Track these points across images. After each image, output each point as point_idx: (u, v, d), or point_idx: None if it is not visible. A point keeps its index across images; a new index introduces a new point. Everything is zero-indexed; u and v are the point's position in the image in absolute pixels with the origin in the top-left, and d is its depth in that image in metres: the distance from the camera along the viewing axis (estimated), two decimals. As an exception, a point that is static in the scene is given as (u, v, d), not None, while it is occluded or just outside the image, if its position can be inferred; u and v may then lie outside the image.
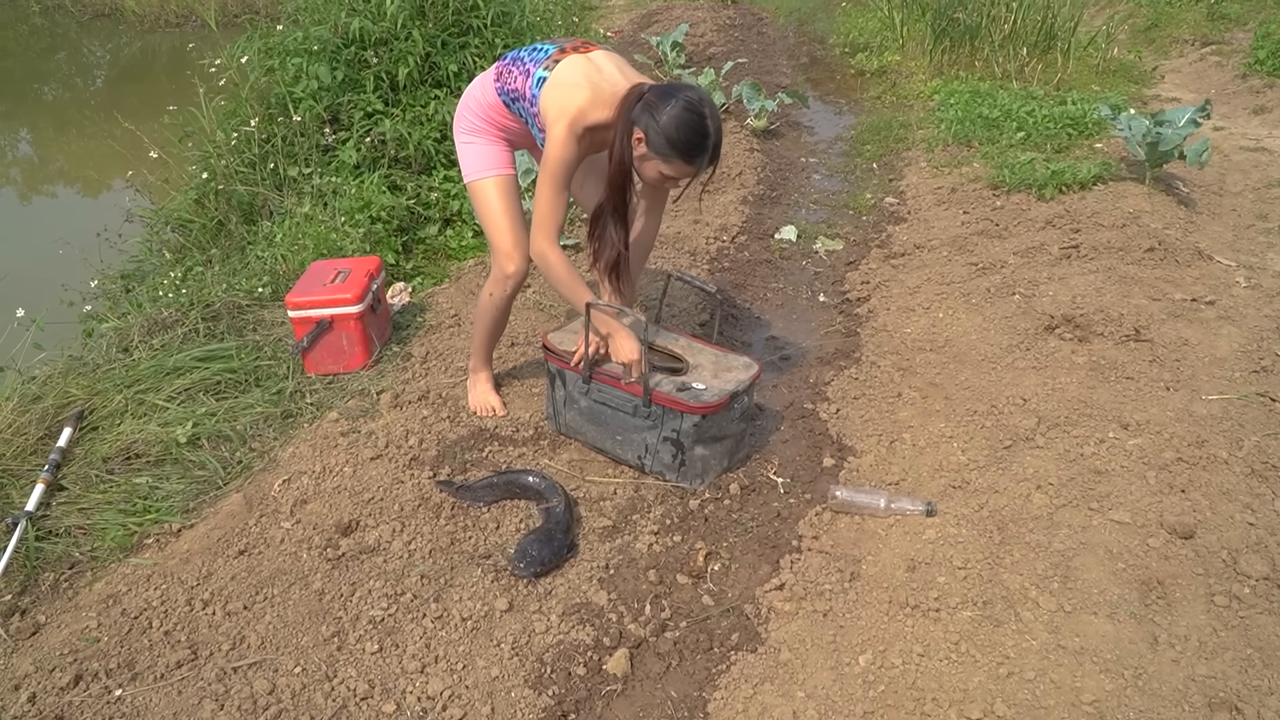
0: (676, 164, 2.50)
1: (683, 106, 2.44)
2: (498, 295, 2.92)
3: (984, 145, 5.44)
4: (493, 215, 2.81)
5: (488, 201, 2.81)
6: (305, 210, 4.29)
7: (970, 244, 4.19)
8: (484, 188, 2.81)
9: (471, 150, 2.82)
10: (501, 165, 2.81)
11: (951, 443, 2.84)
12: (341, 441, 2.98)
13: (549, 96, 2.56)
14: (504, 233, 2.81)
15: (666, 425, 2.67)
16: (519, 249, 2.83)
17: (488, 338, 3.09)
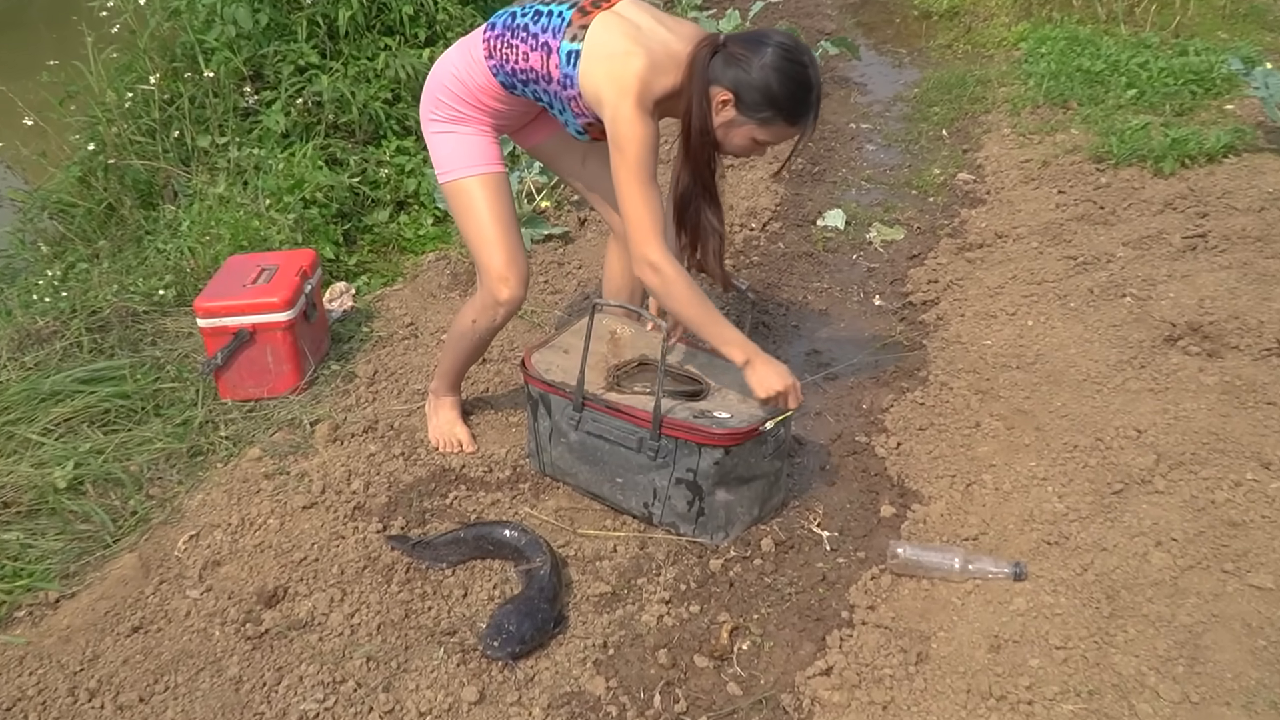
0: (777, 127, 2.55)
1: (780, 55, 2.49)
2: (482, 324, 2.94)
3: (1084, 106, 5.47)
4: (480, 225, 2.83)
5: (473, 207, 2.83)
6: (219, 191, 4.33)
7: (1067, 232, 4.22)
8: (468, 190, 2.83)
9: (450, 143, 2.84)
10: (489, 160, 2.84)
11: (1045, 486, 2.84)
12: (265, 486, 2.99)
13: (594, 73, 2.58)
14: (495, 248, 2.83)
15: (680, 463, 2.69)
16: (514, 270, 2.85)
17: (459, 364, 3.12)
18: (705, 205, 2.72)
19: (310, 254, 3.66)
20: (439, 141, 2.84)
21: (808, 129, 2.58)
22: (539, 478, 3.04)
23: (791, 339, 3.85)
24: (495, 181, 2.83)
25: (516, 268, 2.85)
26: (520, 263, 2.86)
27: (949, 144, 5.63)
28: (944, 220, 4.71)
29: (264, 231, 4.14)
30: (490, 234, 2.82)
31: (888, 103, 6.47)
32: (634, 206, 2.56)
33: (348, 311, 3.99)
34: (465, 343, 3.02)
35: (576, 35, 2.61)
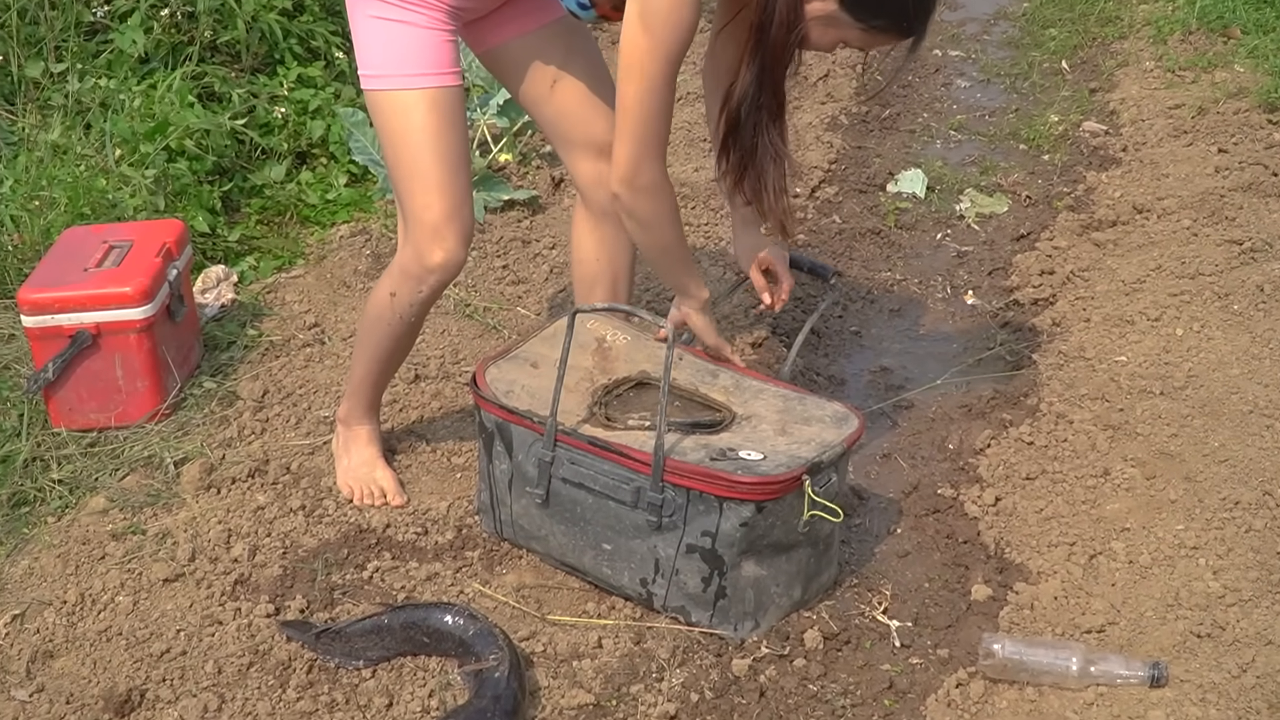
0: (886, 36, 2.67)
1: None
2: (404, 298, 2.94)
3: (1251, 34, 5.51)
4: (416, 157, 2.84)
5: (410, 131, 2.83)
6: (54, 137, 4.34)
7: (1230, 207, 4.26)
8: (406, 107, 2.82)
9: (390, 35, 2.81)
10: (442, 65, 2.83)
11: (1196, 558, 2.86)
12: (114, 549, 2.99)
13: None
14: (432, 190, 2.84)
15: (693, 525, 2.70)
16: (456, 224, 2.85)
17: (378, 367, 3.12)
18: (768, 120, 2.75)
19: (177, 226, 3.67)
20: (375, 31, 2.81)
21: (922, 39, 2.70)
22: (494, 542, 3.05)
23: (850, 351, 3.87)
24: (446, 99, 2.83)
25: (458, 222, 2.86)
26: (465, 215, 2.88)
27: (1070, 81, 5.67)
28: (1063, 187, 4.74)
29: (113, 194, 4.15)
30: (429, 171, 2.83)
31: (986, 22, 6.51)
32: (642, 110, 2.64)
33: (227, 307, 4.01)
34: (383, 332, 3.02)
35: None
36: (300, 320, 3.93)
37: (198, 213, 4.29)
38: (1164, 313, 3.71)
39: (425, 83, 2.80)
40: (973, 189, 4.77)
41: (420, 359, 3.68)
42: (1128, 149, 4.87)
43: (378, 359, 3.09)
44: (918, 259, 4.37)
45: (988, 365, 3.76)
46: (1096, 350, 3.63)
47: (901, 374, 3.76)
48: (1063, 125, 5.22)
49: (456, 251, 2.87)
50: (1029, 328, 3.89)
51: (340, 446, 3.23)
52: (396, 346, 3.07)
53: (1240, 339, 3.54)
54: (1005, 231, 4.50)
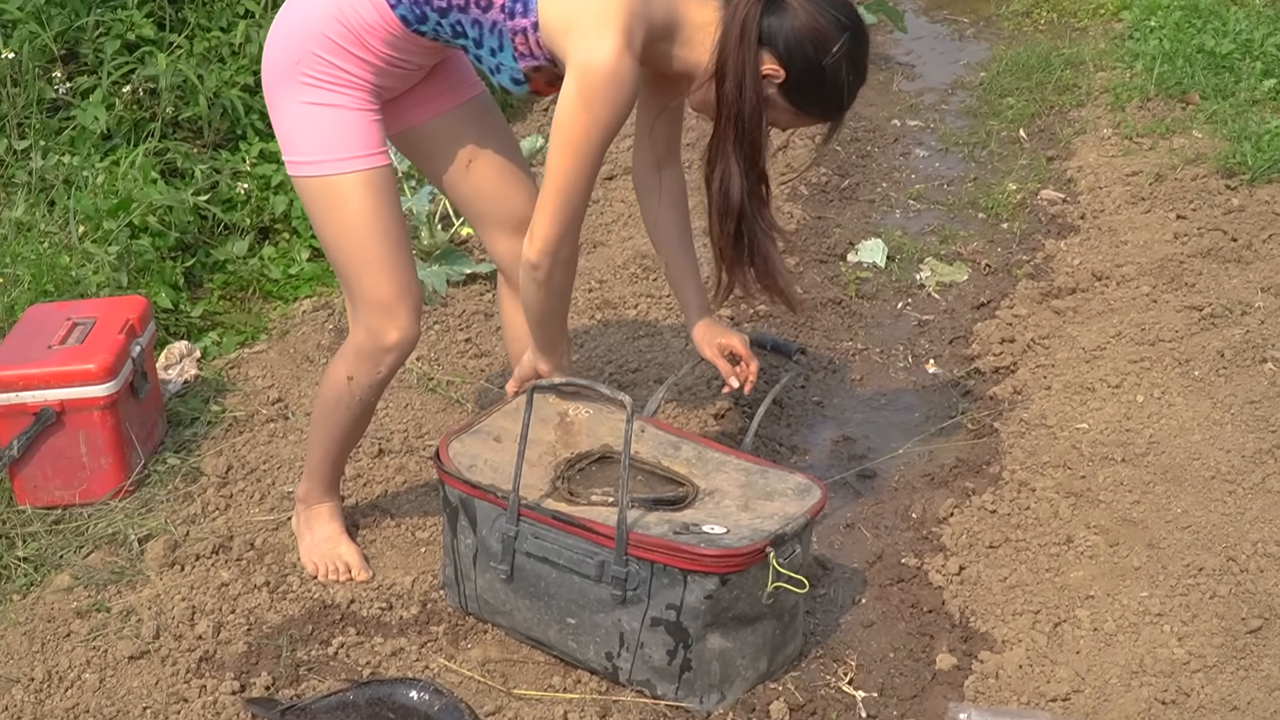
0: (815, 118, 2.85)
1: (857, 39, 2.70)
2: (362, 380, 2.97)
3: (1208, 100, 5.59)
4: (359, 241, 2.85)
5: (349, 216, 2.84)
6: (17, 214, 4.34)
7: (1189, 272, 4.31)
8: (342, 191, 2.82)
9: (318, 119, 2.83)
10: (371, 145, 2.85)
11: (1160, 624, 2.88)
12: (79, 627, 2.99)
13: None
14: (379, 270, 2.85)
15: (658, 598, 2.71)
16: (406, 302, 2.88)
17: (337, 447, 3.14)
18: (761, 219, 2.88)
19: (140, 303, 3.68)
20: (302, 116, 2.81)
21: (839, 127, 2.86)
22: (459, 617, 3.05)
23: (812, 421, 3.89)
24: (380, 179, 2.84)
25: (409, 298, 2.89)
26: (414, 291, 2.90)
27: (1028, 149, 5.73)
28: (1023, 255, 4.78)
29: (76, 271, 4.15)
30: (373, 252, 2.84)
31: (944, 91, 6.58)
32: (574, 181, 2.68)
33: (191, 383, 4.01)
34: (340, 415, 3.04)
35: None
36: (263, 395, 3.94)
37: (161, 289, 4.29)
38: (1125, 379, 3.75)
39: (359, 165, 2.81)
40: (933, 258, 4.81)
41: (384, 433, 3.70)
42: (1086, 216, 4.92)
43: (335, 439, 3.11)
44: (879, 328, 4.40)
45: (950, 433, 3.79)
46: (1058, 418, 3.66)
47: (864, 443, 3.79)
48: (1021, 193, 5.27)
49: (410, 328, 2.90)
50: (990, 396, 3.92)
51: (302, 524, 3.24)
52: (354, 427, 3.10)
53: (1201, 405, 3.58)
54: (965, 300, 4.54)
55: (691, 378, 3.92)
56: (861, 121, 6.11)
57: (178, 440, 3.72)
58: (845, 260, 4.82)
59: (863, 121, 6.12)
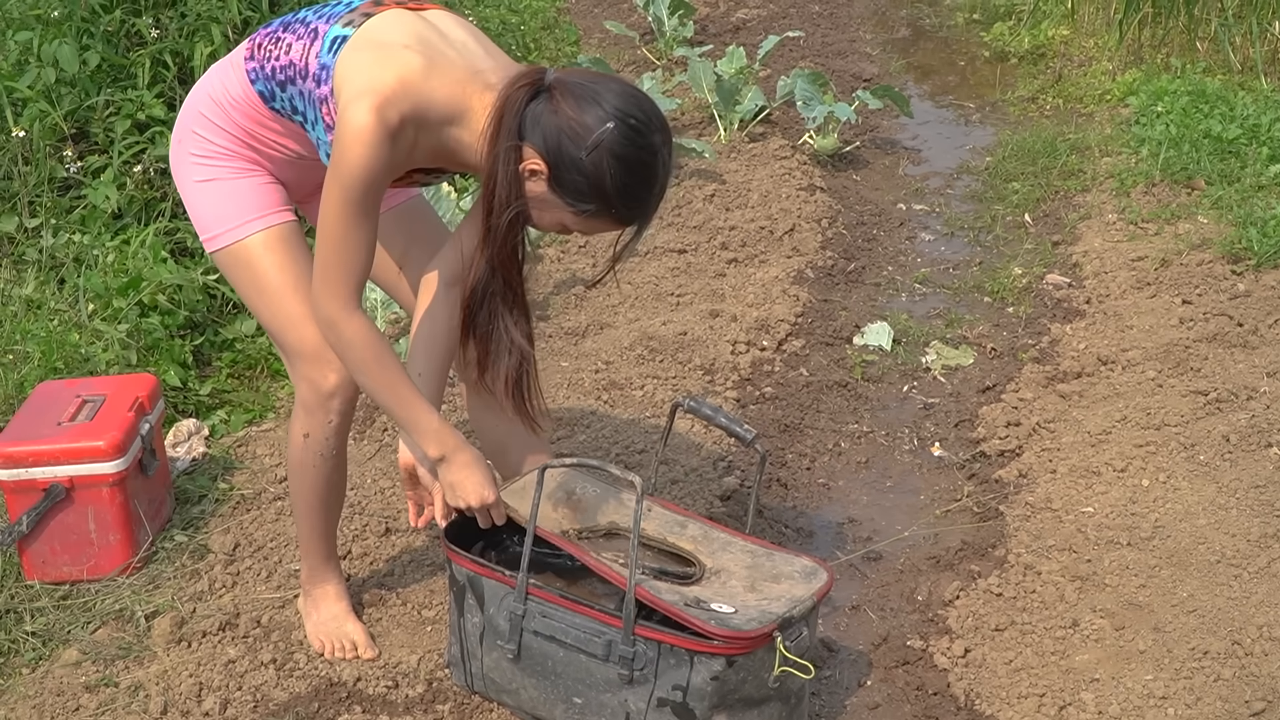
0: (600, 219, 2.63)
1: (623, 133, 2.52)
2: (319, 433, 2.98)
3: (1214, 186, 5.63)
4: (273, 296, 2.89)
5: (259, 276, 2.88)
6: (28, 292, 4.39)
7: (1195, 358, 4.33)
8: (246, 255, 2.88)
9: (209, 194, 2.89)
10: (270, 205, 2.90)
11: (1165, 708, 2.89)
12: (87, 702, 3.00)
13: (350, 61, 2.63)
14: (300, 322, 2.88)
15: (664, 678, 2.71)
16: None
17: (319, 517, 3.15)
18: (503, 307, 2.75)
19: (149, 380, 3.72)
20: (197, 194, 2.89)
21: (643, 228, 2.69)
22: (465, 696, 3.05)
23: (819, 503, 3.91)
24: (283, 233, 2.89)
25: None
26: None
27: (1034, 234, 5.76)
28: (1028, 339, 4.80)
29: (86, 349, 4.19)
30: (290, 305, 2.88)
31: (950, 176, 6.61)
32: (328, 244, 2.63)
33: (199, 460, 4.04)
34: (311, 477, 3.04)
35: (354, 21, 2.68)
36: (271, 474, 3.97)
37: (170, 367, 4.33)
38: (1130, 464, 3.76)
39: (257, 226, 2.87)
40: (938, 341, 4.84)
41: (390, 512, 3.72)
42: (1091, 301, 4.94)
43: (314, 508, 3.11)
44: (884, 411, 4.43)
45: (955, 517, 3.80)
46: (1063, 501, 3.67)
47: (869, 525, 3.80)
48: (1026, 278, 5.30)
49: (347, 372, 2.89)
50: (996, 479, 3.94)
51: (309, 606, 3.26)
52: (329, 490, 3.09)
53: (1207, 489, 3.59)
54: (971, 383, 4.57)
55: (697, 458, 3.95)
56: (867, 205, 6.16)
57: (185, 517, 3.75)
58: (851, 343, 4.85)
59: (868, 205, 6.16)
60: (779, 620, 2.69)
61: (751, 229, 5.63)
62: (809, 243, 5.51)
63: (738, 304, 4.99)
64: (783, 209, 5.82)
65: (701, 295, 5.07)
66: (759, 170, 6.22)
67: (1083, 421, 4.07)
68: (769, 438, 4.14)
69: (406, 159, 2.66)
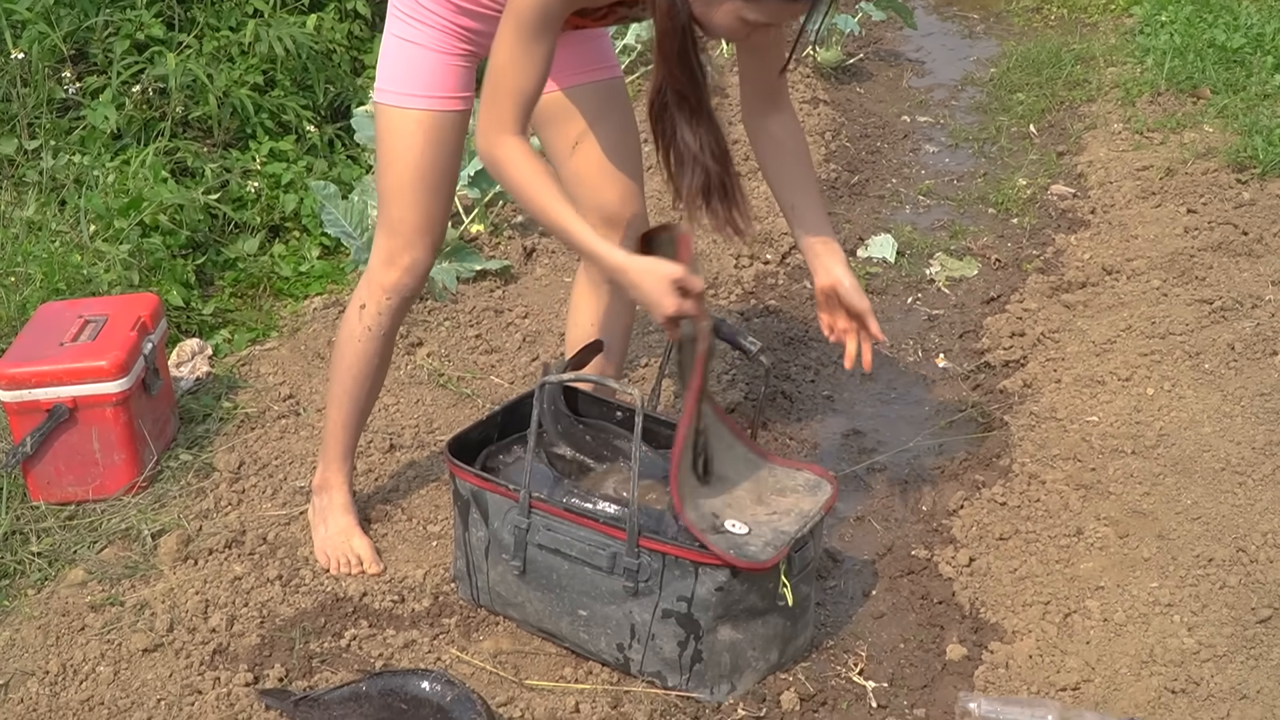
0: (770, 2, 2.49)
1: None
2: (372, 307, 3.02)
3: (1219, 95, 5.60)
4: (399, 168, 2.92)
5: (398, 143, 2.91)
6: (28, 214, 4.38)
7: (1200, 266, 4.33)
8: (402, 124, 2.90)
9: (399, 52, 2.90)
10: (444, 88, 2.90)
11: (1171, 615, 2.90)
12: (93, 621, 3.02)
13: None
14: (408, 203, 2.93)
15: (669, 590, 2.73)
16: (426, 235, 2.95)
17: (350, 406, 3.17)
18: (681, 120, 2.68)
19: (151, 300, 3.72)
20: (388, 46, 2.91)
21: (818, 6, 2.52)
22: (471, 610, 3.08)
23: (824, 414, 3.92)
24: (440, 122, 2.90)
25: (429, 235, 2.96)
26: (436, 231, 2.98)
27: (1039, 145, 5.75)
28: (1033, 250, 4.80)
29: (88, 269, 4.19)
30: (409, 185, 2.91)
31: (954, 88, 6.59)
32: (495, 68, 2.63)
33: (202, 380, 4.04)
34: (354, 352, 3.08)
35: None
36: (275, 392, 3.97)
37: (172, 287, 4.33)
38: (1135, 373, 3.77)
39: (419, 104, 2.88)
40: (942, 253, 4.83)
41: (395, 428, 3.73)
42: (1096, 211, 4.93)
43: (349, 391, 3.14)
44: (889, 323, 4.42)
45: (960, 427, 3.81)
46: (1068, 411, 3.68)
47: (874, 437, 3.81)
48: (1031, 189, 5.29)
49: (423, 260, 2.96)
50: (1000, 389, 3.94)
51: (316, 515, 3.27)
52: (365, 372, 3.11)
53: (1211, 398, 3.59)
54: (975, 295, 4.56)
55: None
56: (871, 117, 6.14)
57: (190, 436, 3.76)
58: (855, 256, 4.84)
59: (872, 118, 6.14)
60: (792, 540, 2.72)
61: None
62: (812, 156, 5.48)
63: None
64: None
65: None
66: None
67: (1087, 331, 4.07)
68: (773, 350, 4.14)
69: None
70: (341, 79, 5.50)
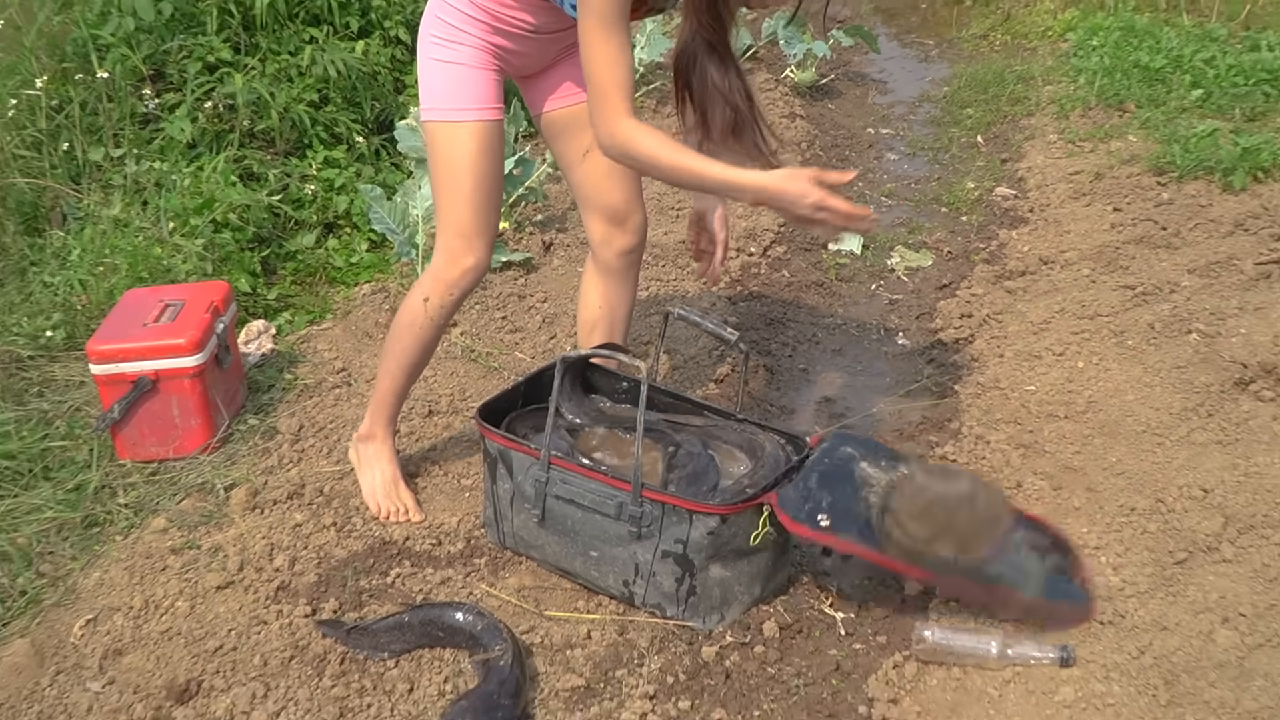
0: None
1: None
2: (437, 300, 2.99)
3: (1143, 109, 5.58)
4: (453, 176, 2.89)
5: (453, 155, 2.88)
6: (115, 213, 4.38)
7: (1124, 257, 4.33)
8: (448, 137, 2.87)
9: (440, 73, 2.87)
10: (484, 101, 2.88)
11: (1098, 556, 2.90)
12: (173, 562, 3.04)
13: None
14: (466, 205, 2.89)
15: (667, 534, 2.74)
16: (484, 233, 2.92)
17: (403, 374, 3.16)
18: (713, 64, 2.64)
19: (222, 287, 3.72)
20: (429, 70, 2.88)
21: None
22: (498, 551, 3.09)
23: (799, 385, 3.92)
24: (488, 131, 2.87)
25: (486, 234, 2.93)
26: (491, 229, 2.94)
27: (985, 153, 5.73)
28: (979, 243, 4.79)
29: (167, 260, 4.19)
30: (465, 189, 2.88)
31: (912, 103, 6.57)
32: (593, 68, 2.54)
33: (267, 355, 4.05)
34: (412, 337, 3.06)
35: None
36: (329, 366, 3.97)
37: (241, 275, 4.33)
38: (1067, 348, 3.76)
39: (468, 116, 2.86)
40: (902, 246, 4.83)
41: (433, 397, 3.73)
42: (1034, 210, 4.92)
43: (403, 367, 3.12)
44: (855, 306, 4.42)
45: (916, 395, 3.80)
46: (1009, 381, 3.67)
47: (843, 403, 3.81)
48: (978, 190, 5.28)
49: (483, 257, 2.93)
50: (951, 363, 3.94)
51: (361, 461, 3.27)
52: (420, 353, 3.10)
53: (1133, 370, 3.59)
54: (930, 282, 4.55)
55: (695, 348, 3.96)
56: (841, 130, 6.12)
57: (257, 404, 3.76)
58: (827, 249, 4.84)
59: (842, 130, 6.13)
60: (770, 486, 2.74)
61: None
62: (790, 162, 5.46)
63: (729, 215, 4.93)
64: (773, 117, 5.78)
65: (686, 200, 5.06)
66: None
67: (1026, 313, 4.06)
68: (756, 330, 4.14)
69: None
70: (386, 96, 5.49)
